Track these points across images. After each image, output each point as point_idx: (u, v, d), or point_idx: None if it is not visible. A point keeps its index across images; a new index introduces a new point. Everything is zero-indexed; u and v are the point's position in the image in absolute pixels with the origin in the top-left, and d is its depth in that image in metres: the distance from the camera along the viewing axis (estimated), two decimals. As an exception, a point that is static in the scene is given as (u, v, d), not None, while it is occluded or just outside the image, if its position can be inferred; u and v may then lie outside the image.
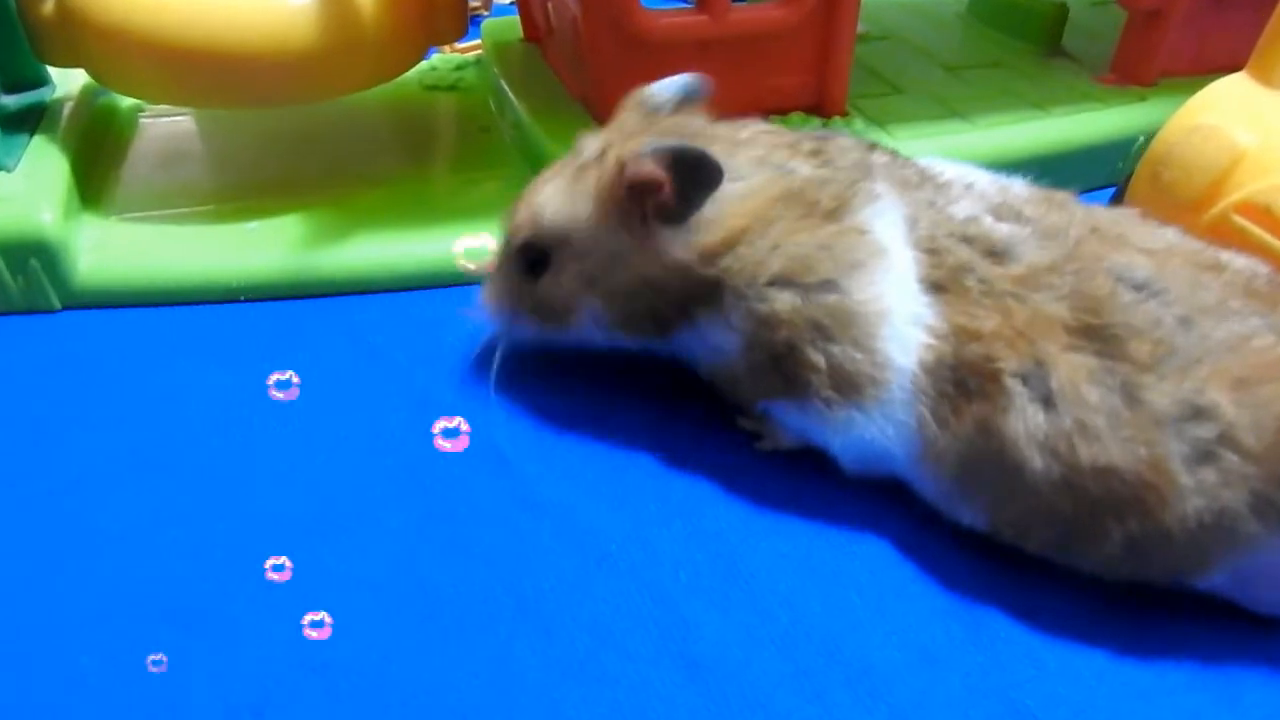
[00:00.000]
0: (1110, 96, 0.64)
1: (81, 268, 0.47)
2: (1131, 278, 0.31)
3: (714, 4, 0.52)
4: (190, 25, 0.46)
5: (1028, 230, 0.34)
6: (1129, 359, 0.30)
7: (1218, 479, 0.29)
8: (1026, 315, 0.32)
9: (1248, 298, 0.31)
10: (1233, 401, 0.29)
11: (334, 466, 0.39)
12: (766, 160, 0.38)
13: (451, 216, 0.53)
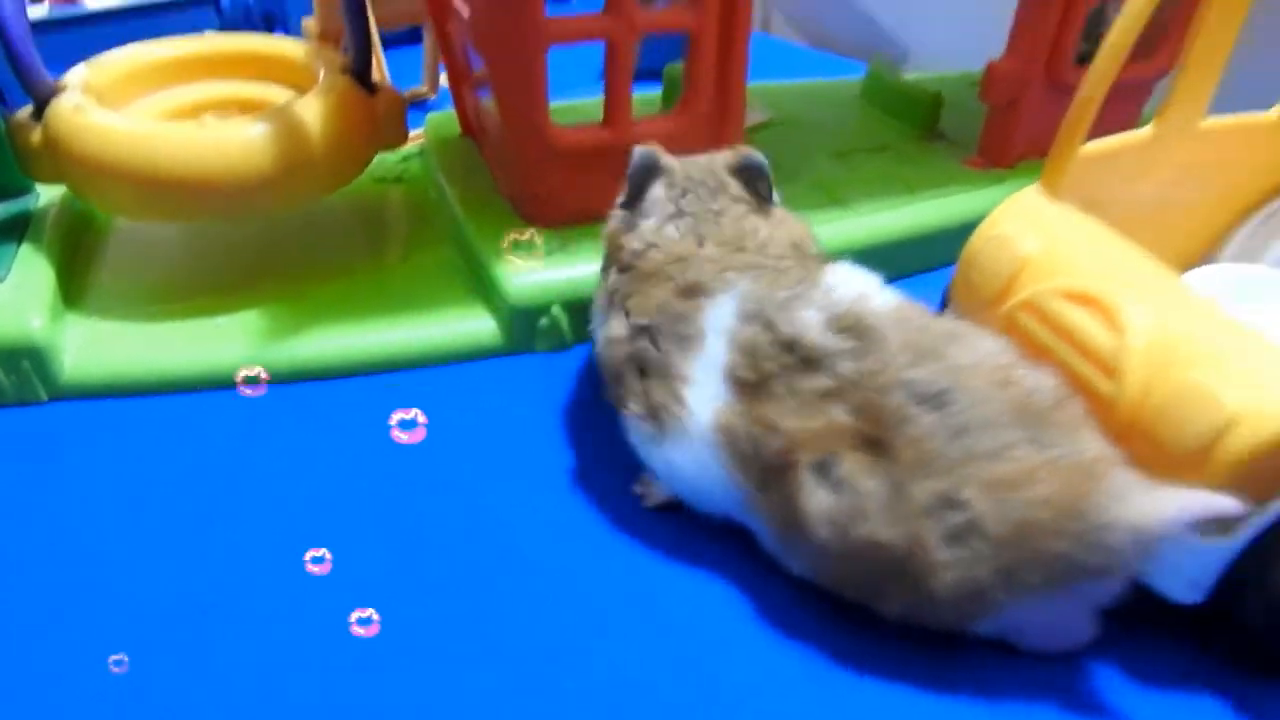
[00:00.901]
0: (975, 179, 0.73)
1: (66, 365, 0.54)
2: (924, 392, 0.39)
3: (617, 120, 0.61)
4: (159, 154, 0.53)
5: (851, 344, 0.41)
6: (899, 461, 0.38)
7: (969, 556, 0.37)
8: (822, 423, 0.40)
9: (1023, 413, 0.38)
10: (983, 499, 0.37)
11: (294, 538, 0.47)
12: (681, 214, 0.48)
13: (400, 305, 0.61)
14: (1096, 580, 0.38)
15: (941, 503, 0.37)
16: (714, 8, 0.58)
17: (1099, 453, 0.38)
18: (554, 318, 0.60)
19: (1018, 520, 0.37)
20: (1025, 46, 0.70)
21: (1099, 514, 0.36)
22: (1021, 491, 0.37)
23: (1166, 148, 0.52)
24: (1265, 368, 0.38)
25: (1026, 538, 0.37)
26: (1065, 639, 0.42)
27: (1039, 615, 0.40)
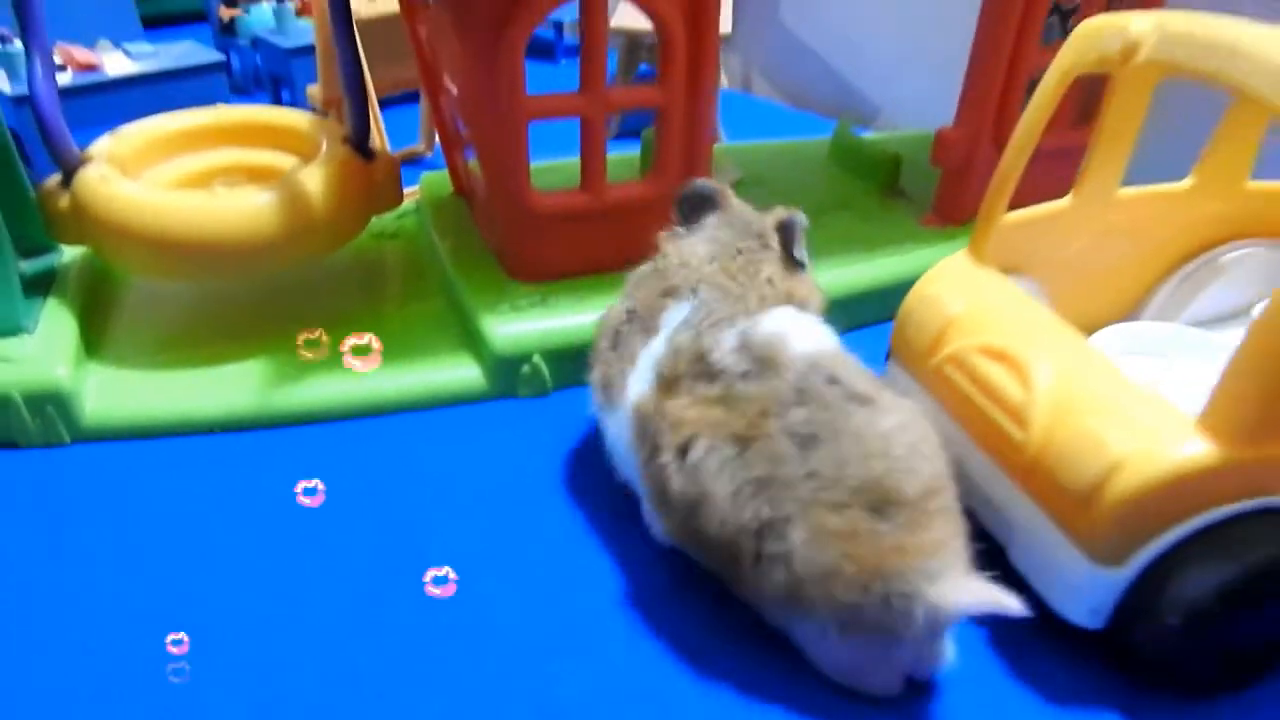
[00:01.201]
0: (929, 236, 0.79)
1: (88, 410, 0.60)
2: (796, 430, 0.43)
3: (593, 186, 0.67)
4: (176, 222, 0.59)
5: (748, 368, 0.45)
6: (750, 471, 0.43)
7: (776, 579, 0.42)
8: (702, 414, 0.45)
9: (877, 487, 0.41)
10: (804, 537, 0.41)
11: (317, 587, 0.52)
12: (713, 240, 0.54)
13: (393, 353, 0.66)
14: (881, 633, 0.42)
15: (768, 526, 0.42)
16: (679, 86, 0.64)
17: (934, 538, 0.41)
18: (535, 366, 0.65)
19: (827, 566, 0.41)
20: (972, 116, 0.76)
21: (902, 584, 0.40)
22: (839, 544, 0.41)
23: (1085, 216, 0.58)
24: (1148, 417, 0.43)
25: (827, 582, 0.41)
26: (864, 681, 0.45)
27: (842, 652, 0.44)
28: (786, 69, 1.28)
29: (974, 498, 0.51)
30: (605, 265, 0.70)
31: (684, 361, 0.48)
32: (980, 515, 0.51)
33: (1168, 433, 0.42)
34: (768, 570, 0.43)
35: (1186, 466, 0.41)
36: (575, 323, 0.66)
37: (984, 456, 0.49)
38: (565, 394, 0.66)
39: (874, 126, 1.18)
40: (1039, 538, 0.46)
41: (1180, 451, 0.41)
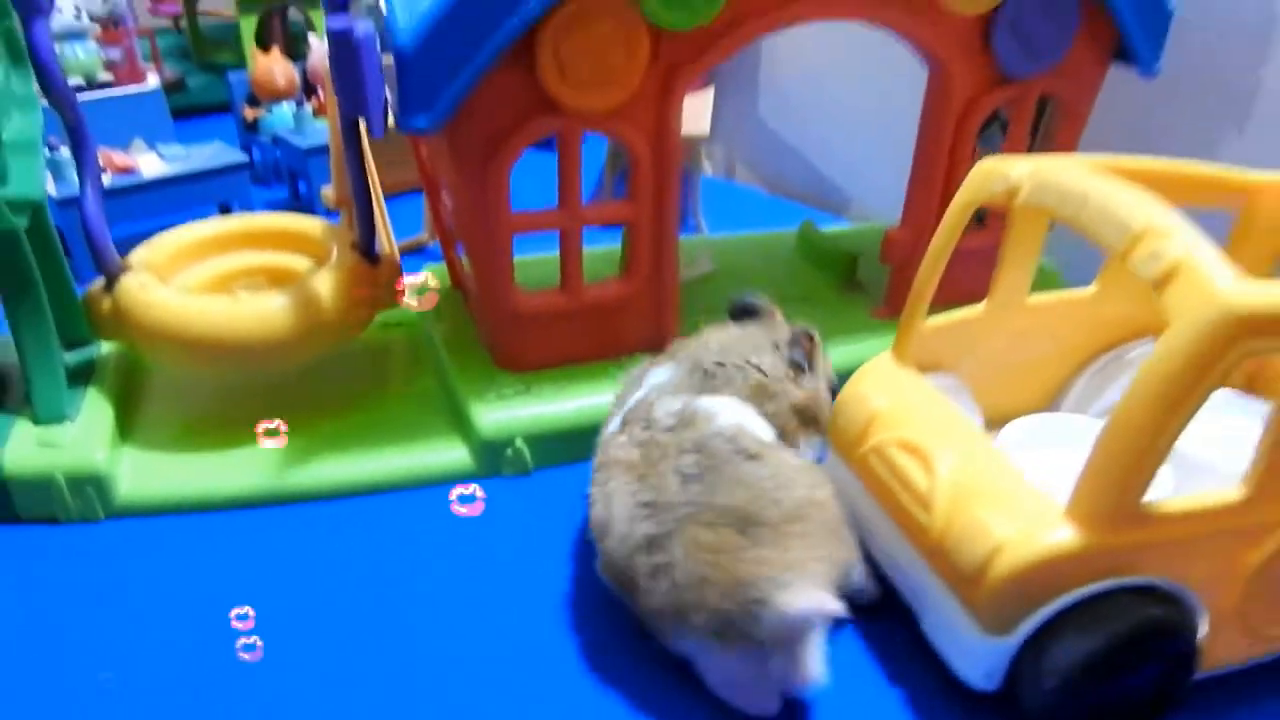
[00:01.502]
0: (880, 327, 0.86)
1: (121, 490, 0.68)
2: (683, 470, 0.53)
3: (571, 288, 0.75)
4: (204, 324, 0.68)
5: (672, 424, 0.56)
6: (643, 496, 0.53)
7: (660, 589, 0.51)
8: (627, 455, 0.55)
9: (748, 510, 0.51)
10: (682, 552, 0.50)
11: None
12: (735, 334, 0.66)
13: (391, 436, 0.74)
14: (747, 641, 0.49)
15: (654, 541, 0.51)
16: (647, 203, 0.73)
17: (790, 557, 0.50)
18: (517, 449, 0.73)
19: (700, 575, 0.50)
20: (915, 217, 0.84)
21: (757, 591, 0.48)
22: (709, 556, 0.50)
23: (999, 321, 0.66)
24: (1025, 506, 0.50)
25: (701, 589, 0.49)
26: (744, 698, 0.53)
27: (722, 664, 0.52)
28: (766, 160, 1.38)
29: (894, 573, 0.58)
30: (583, 357, 0.78)
31: (636, 415, 0.58)
32: (899, 588, 0.58)
33: (1040, 520, 0.49)
34: (657, 582, 0.51)
35: (1054, 551, 0.48)
36: (555, 409, 0.74)
37: (899, 537, 0.56)
38: (545, 473, 0.74)
39: (847, 216, 1.27)
40: (943, 610, 0.53)
41: (1049, 537, 0.48)
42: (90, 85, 1.48)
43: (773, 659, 0.50)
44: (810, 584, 0.49)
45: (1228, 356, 0.43)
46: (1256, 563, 0.49)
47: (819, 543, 0.52)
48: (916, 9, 0.72)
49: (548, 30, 0.62)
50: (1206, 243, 0.44)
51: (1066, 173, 0.52)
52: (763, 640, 0.49)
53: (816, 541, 0.52)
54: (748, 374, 0.62)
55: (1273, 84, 0.84)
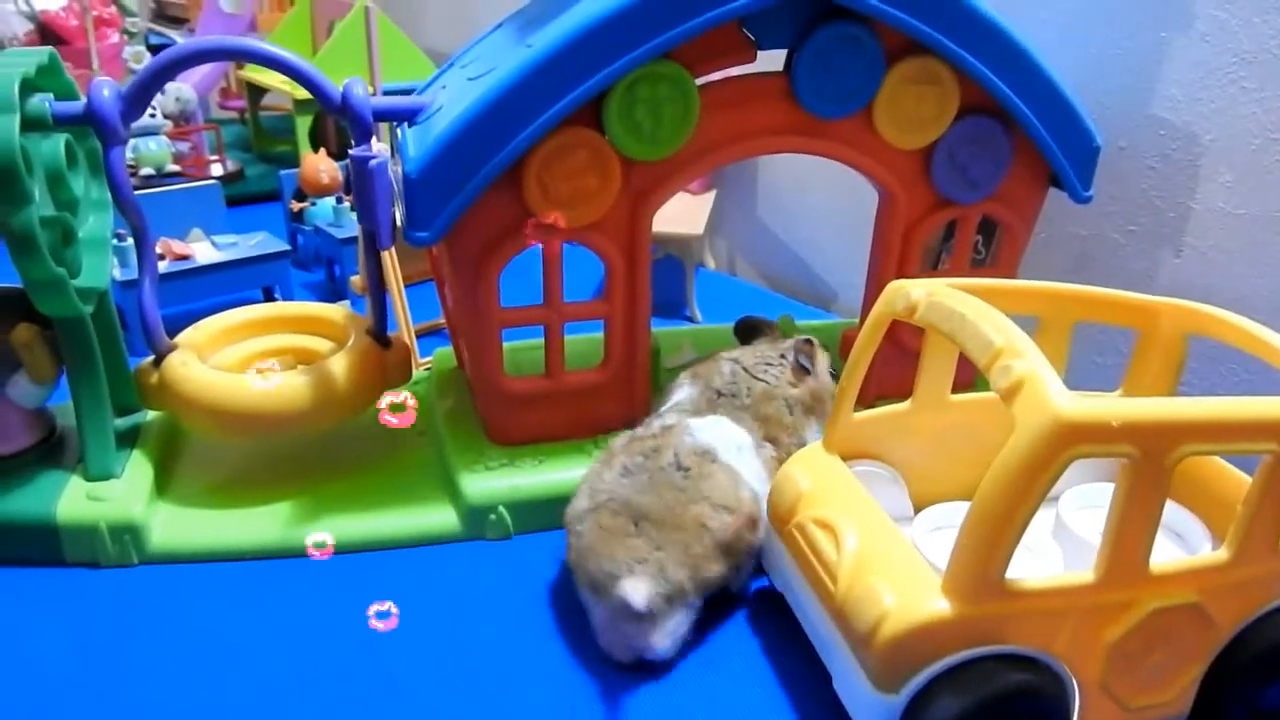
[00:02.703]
0: (839, 416, 0.95)
1: (154, 539, 0.78)
2: (628, 467, 0.69)
3: (554, 374, 0.85)
4: (232, 400, 0.79)
5: (658, 433, 0.73)
6: (591, 483, 0.70)
7: (574, 547, 0.68)
8: (619, 448, 0.73)
9: (639, 506, 0.67)
10: (590, 526, 0.67)
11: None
12: (746, 350, 0.84)
13: (390, 499, 0.84)
14: (606, 603, 0.65)
15: (581, 514, 0.69)
16: (621, 302, 0.83)
17: (655, 555, 0.64)
18: (500, 514, 0.82)
19: (591, 545, 0.66)
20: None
21: (614, 569, 0.64)
22: (604, 534, 0.66)
23: (922, 417, 0.74)
24: (911, 578, 0.58)
25: (588, 555, 0.66)
26: (605, 644, 0.68)
27: (595, 615, 0.68)
28: (763, 257, 1.49)
29: (811, 635, 0.66)
30: (564, 435, 0.88)
31: (653, 418, 0.77)
32: (818, 651, 0.65)
33: (920, 592, 0.57)
34: (575, 540, 0.68)
35: (930, 619, 0.55)
36: (535, 481, 0.83)
37: (815, 602, 0.64)
38: (525, 538, 0.83)
39: (833, 309, 1.37)
40: (846, 670, 0.61)
41: (926, 607, 0.56)
42: (160, 174, 1.66)
43: (625, 622, 0.64)
44: (649, 581, 0.63)
45: (1059, 459, 0.51)
46: (1113, 638, 0.57)
47: (687, 552, 0.65)
48: (861, 144, 0.83)
49: (533, 160, 0.74)
50: (1047, 364, 0.53)
51: (952, 296, 0.61)
52: (611, 604, 0.64)
53: (686, 551, 0.65)
54: (754, 386, 0.79)
55: (1200, 212, 0.93)
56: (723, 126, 0.79)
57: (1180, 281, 0.96)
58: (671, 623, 0.65)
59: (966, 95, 0.82)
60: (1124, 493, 0.53)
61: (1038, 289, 0.71)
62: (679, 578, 0.64)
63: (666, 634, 0.66)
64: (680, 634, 0.67)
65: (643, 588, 0.62)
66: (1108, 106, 0.98)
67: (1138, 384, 0.76)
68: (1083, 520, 0.69)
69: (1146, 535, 0.55)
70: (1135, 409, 0.52)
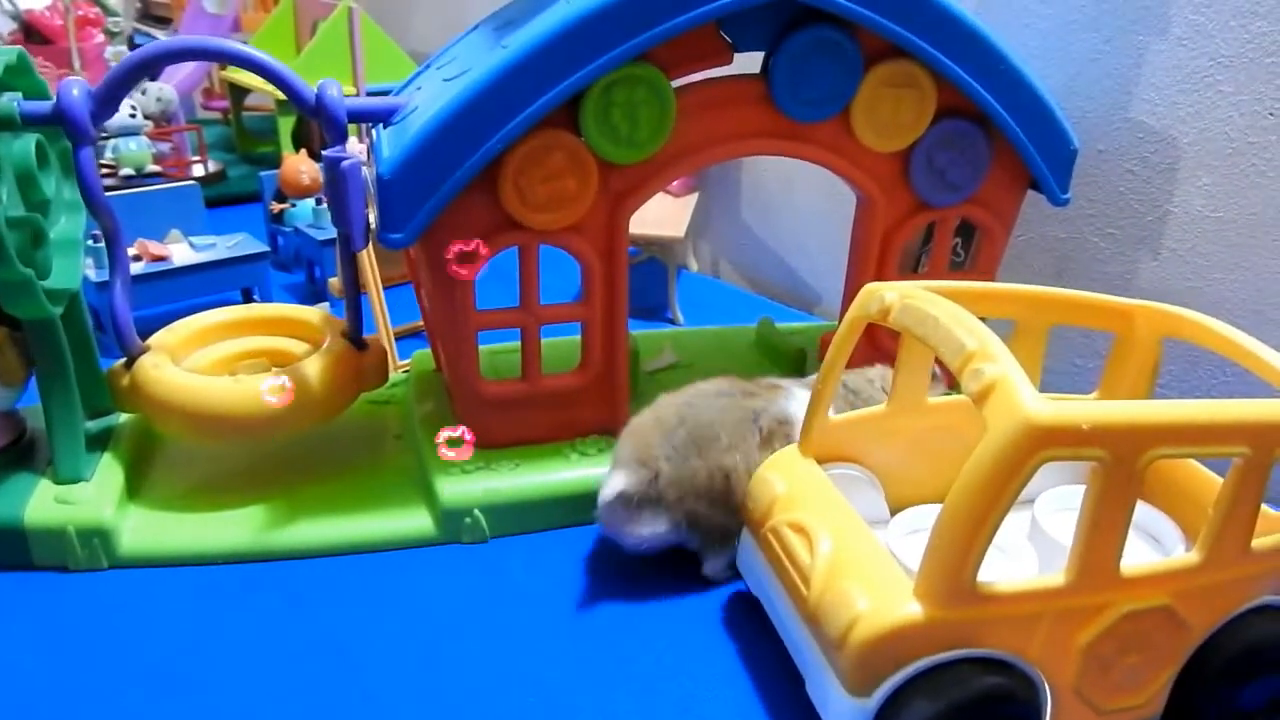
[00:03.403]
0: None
1: (124, 543, 0.77)
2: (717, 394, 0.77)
3: (531, 377, 0.85)
4: (204, 401, 0.78)
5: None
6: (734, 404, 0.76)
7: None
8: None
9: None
10: (645, 419, 0.75)
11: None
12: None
13: (367, 503, 0.83)
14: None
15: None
16: (598, 305, 0.83)
17: (659, 464, 0.71)
18: (475, 518, 0.82)
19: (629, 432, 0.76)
20: (850, 324, 0.93)
21: (619, 453, 0.73)
22: (644, 431, 0.74)
23: (899, 420, 0.74)
24: (883, 582, 0.58)
25: (624, 440, 0.75)
26: (602, 517, 0.74)
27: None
28: (746, 259, 1.49)
29: (785, 638, 0.66)
30: (540, 439, 0.87)
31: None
32: (791, 655, 0.65)
33: (892, 596, 0.56)
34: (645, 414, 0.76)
35: (902, 622, 0.55)
36: (511, 484, 0.83)
37: (788, 606, 0.64)
38: (501, 542, 0.82)
39: (816, 312, 1.37)
40: (819, 674, 0.60)
41: (898, 611, 0.56)
42: (140, 175, 1.65)
43: (609, 502, 0.71)
44: (629, 476, 0.71)
45: (1030, 461, 0.51)
46: (1085, 641, 0.57)
47: (692, 482, 0.72)
48: (839, 148, 0.83)
49: (509, 163, 0.73)
50: (1018, 367, 0.53)
51: (925, 299, 0.61)
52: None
53: (692, 480, 0.72)
54: (875, 398, 0.80)
55: (1178, 215, 0.94)
56: (700, 129, 0.79)
57: (1160, 284, 0.96)
58: (648, 528, 0.72)
59: (944, 99, 0.83)
60: (1094, 496, 0.53)
61: (1013, 292, 0.71)
62: (668, 496, 0.71)
63: (640, 533, 0.72)
64: (652, 542, 0.73)
65: (619, 484, 0.70)
66: (1086, 110, 0.98)
67: (1114, 387, 0.76)
68: (1058, 523, 0.69)
69: (1117, 538, 0.55)
70: (1105, 412, 0.52)
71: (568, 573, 0.79)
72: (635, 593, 0.76)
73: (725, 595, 0.76)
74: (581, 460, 0.86)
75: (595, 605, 0.75)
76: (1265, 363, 0.62)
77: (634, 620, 0.73)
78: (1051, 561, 0.65)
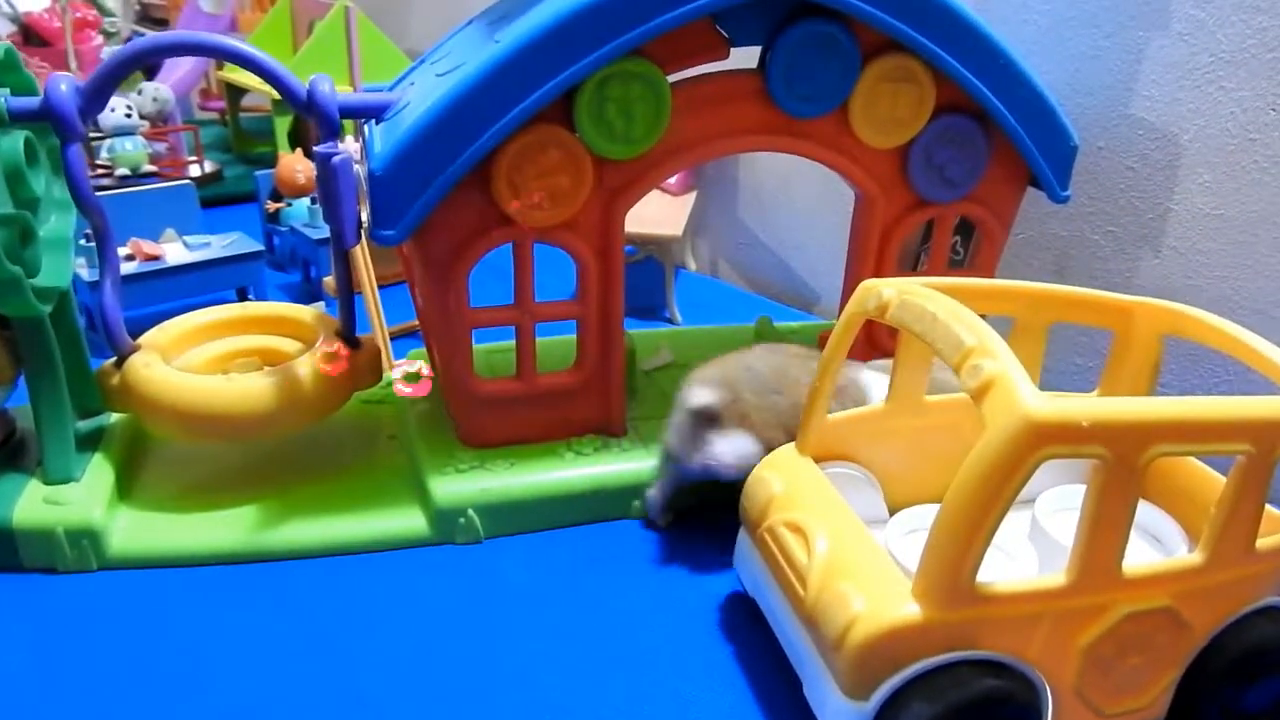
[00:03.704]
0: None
1: (114, 544, 0.76)
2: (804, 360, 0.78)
3: (525, 376, 0.84)
4: (194, 401, 0.78)
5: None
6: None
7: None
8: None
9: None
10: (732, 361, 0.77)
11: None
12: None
13: (360, 503, 0.82)
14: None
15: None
16: (594, 302, 0.82)
17: (743, 396, 0.74)
18: (469, 518, 0.81)
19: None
20: (849, 322, 0.92)
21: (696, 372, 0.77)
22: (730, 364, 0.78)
23: (897, 419, 0.73)
24: (881, 583, 0.57)
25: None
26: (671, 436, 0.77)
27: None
28: (745, 258, 1.48)
29: (782, 640, 0.65)
30: (535, 438, 0.86)
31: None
32: (788, 657, 0.64)
33: (890, 597, 0.56)
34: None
35: (899, 624, 0.54)
36: (506, 483, 0.82)
37: (785, 606, 0.63)
38: (496, 542, 0.82)
39: (815, 311, 1.36)
40: (815, 676, 0.59)
41: (895, 612, 0.55)
42: (136, 175, 1.64)
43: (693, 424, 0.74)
44: (715, 392, 0.73)
45: (1030, 460, 0.50)
46: (1085, 642, 0.56)
47: (773, 406, 0.75)
48: (837, 144, 0.82)
49: (502, 159, 0.73)
50: (1017, 364, 0.52)
51: (923, 295, 0.60)
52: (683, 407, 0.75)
53: (773, 404, 0.75)
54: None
55: (1179, 213, 0.93)
56: (696, 125, 0.78)
57: (1161, 282, 0.95)
58: (728, 447, 0.73)
59: (943, 94, 0.82)
60: (1095, 494, 0.52)
61: (1012, 289, 0.71)
62: (752, 419, 0.73)
63: (717, 451, 0.73)
64: (741, 454, 0.73)
65: (705, 398, 0.72)
66: (1086, 107, 0.97)
67: (1114, 385, 0.75)
68: (1059, 522, 0.68)
69: (1118, 538, 0.54)
70: (1106, 409, 0.51)
71: (563, 574, 0.78)
72: (631, 594, 0.76)
73: (721, 596, 0.76)
74: (577, 460, 0.85)
75: (590, 607, 0.74)
76: (1268, 359, 0.61)
77: (629, 622, 0.73)
78: (1052, 561, 0.64)
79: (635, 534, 0.83)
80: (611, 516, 0.84)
